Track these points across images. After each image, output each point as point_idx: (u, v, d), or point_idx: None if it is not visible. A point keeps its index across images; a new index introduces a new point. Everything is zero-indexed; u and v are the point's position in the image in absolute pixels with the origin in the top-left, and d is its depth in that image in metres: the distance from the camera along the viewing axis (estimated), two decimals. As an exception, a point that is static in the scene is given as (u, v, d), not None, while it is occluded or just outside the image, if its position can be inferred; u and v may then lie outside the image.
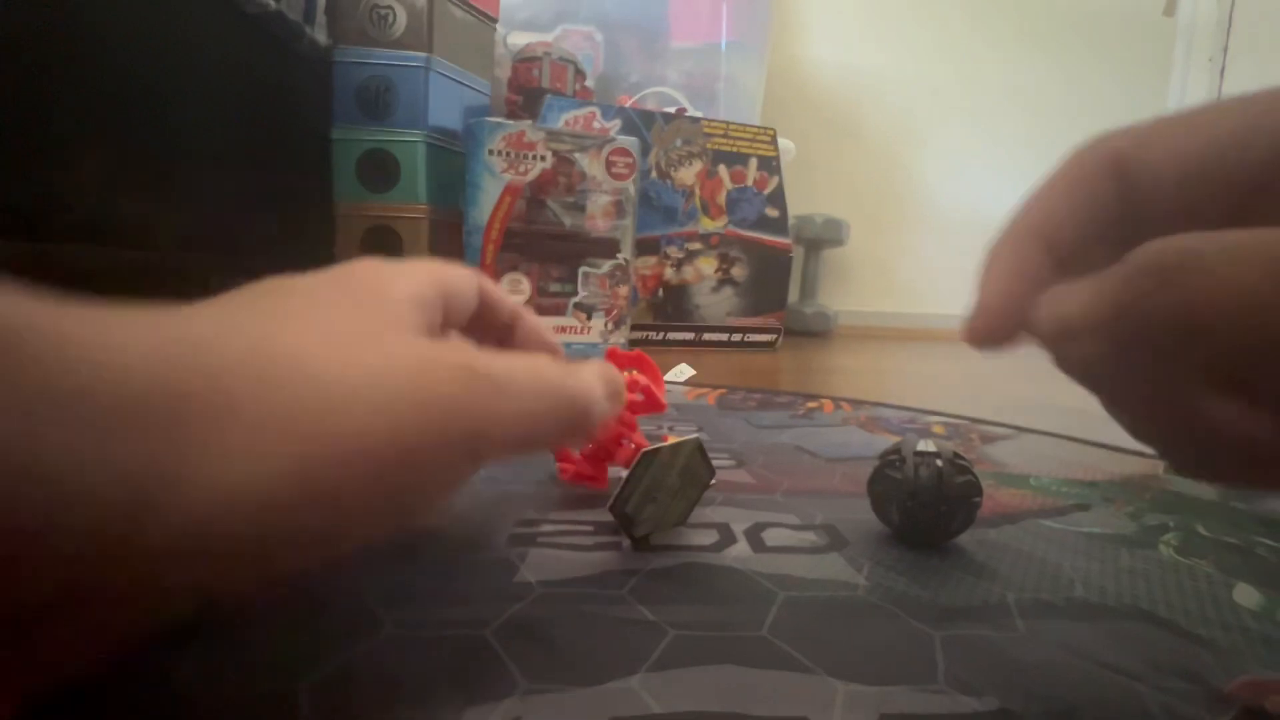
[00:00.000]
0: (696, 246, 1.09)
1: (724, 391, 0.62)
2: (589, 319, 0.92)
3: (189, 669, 0.16)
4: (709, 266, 1.10)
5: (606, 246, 0.92)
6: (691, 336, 1.11)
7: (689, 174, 1.08)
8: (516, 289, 0.88)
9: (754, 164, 1.11)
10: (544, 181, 0.87)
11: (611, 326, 0.93)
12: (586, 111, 1.02)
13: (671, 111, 1.10)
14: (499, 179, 0.85)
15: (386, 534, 0.14)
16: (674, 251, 1.08)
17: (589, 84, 1.23)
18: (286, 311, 0.14)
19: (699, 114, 1.15)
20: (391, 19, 0.90)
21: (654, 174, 1.05)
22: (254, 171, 0.79)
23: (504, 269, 0.87)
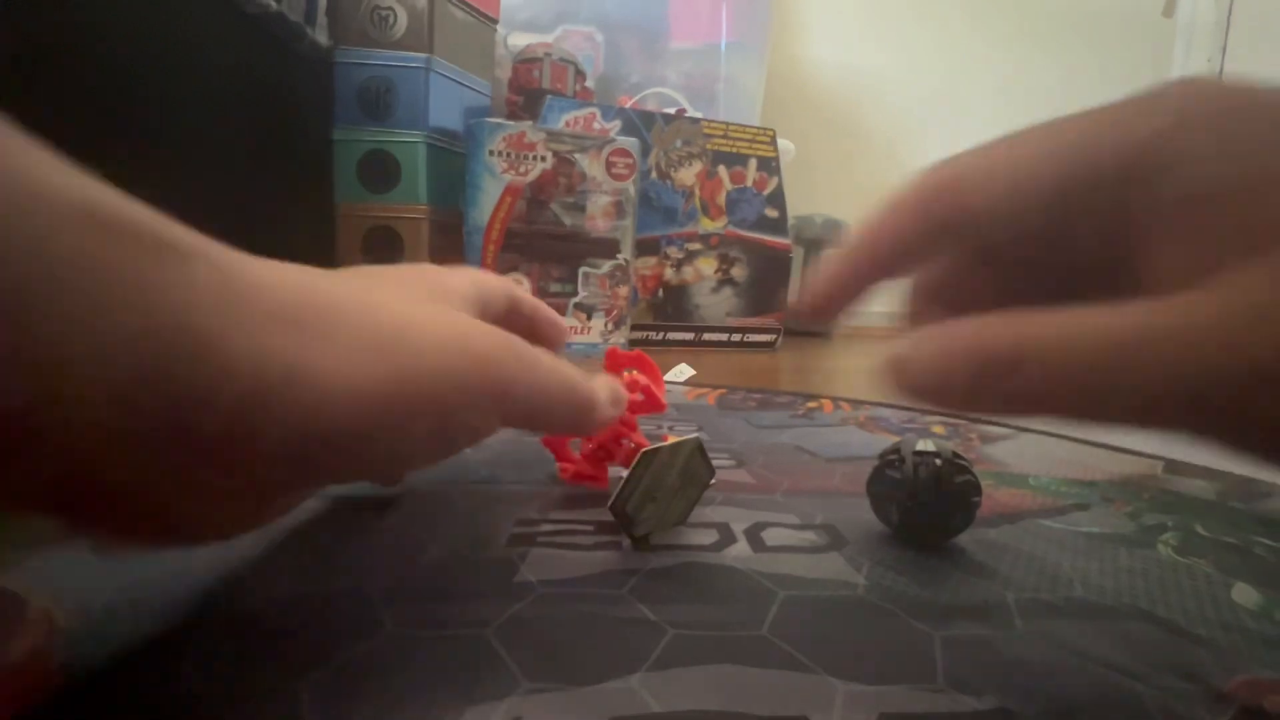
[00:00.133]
0: (696, 247, 1.09)
1: (724, 391, 0.62)
2: (589, 319, 0.92)
3: (189, 669, 0.16)
4: (709, 267, 1.10)
5: (606, 247, 0.92)
6: (691, 337, 1.11)
7: (689, 174, 1.08)
8: (517, 289, 0.88)
9: (754, 165, 1.11)
10: (544, 182, 0.87)
11: (611, 326, 0.93)
12: (587, 112, 1.02)
13: (671, 112, 1.10)
14: (499, 179, 0.85)
15: (432, 461, 0.18)
16: (674, 252, 1.08)
17: (589, 85, 1.23)
18: (378, 282, 0.19)
19: (699, 115, 1.15)
20: (392, 20, 0.91)
21: (654, 174, 1.05)
22: (255, 172, 0.79)
23: (504, 269, 0.87)
